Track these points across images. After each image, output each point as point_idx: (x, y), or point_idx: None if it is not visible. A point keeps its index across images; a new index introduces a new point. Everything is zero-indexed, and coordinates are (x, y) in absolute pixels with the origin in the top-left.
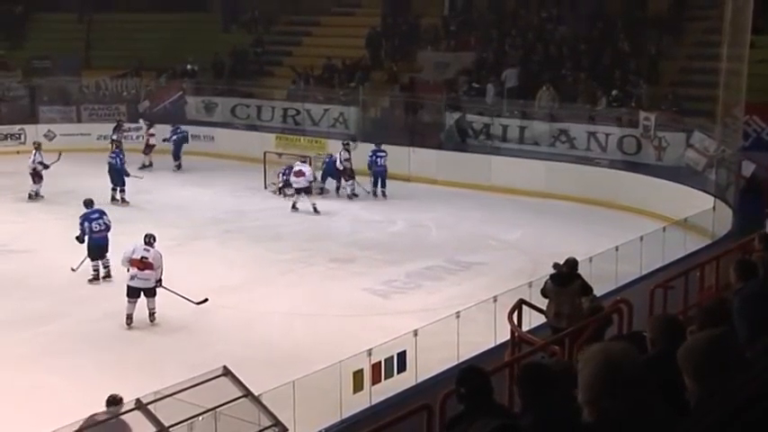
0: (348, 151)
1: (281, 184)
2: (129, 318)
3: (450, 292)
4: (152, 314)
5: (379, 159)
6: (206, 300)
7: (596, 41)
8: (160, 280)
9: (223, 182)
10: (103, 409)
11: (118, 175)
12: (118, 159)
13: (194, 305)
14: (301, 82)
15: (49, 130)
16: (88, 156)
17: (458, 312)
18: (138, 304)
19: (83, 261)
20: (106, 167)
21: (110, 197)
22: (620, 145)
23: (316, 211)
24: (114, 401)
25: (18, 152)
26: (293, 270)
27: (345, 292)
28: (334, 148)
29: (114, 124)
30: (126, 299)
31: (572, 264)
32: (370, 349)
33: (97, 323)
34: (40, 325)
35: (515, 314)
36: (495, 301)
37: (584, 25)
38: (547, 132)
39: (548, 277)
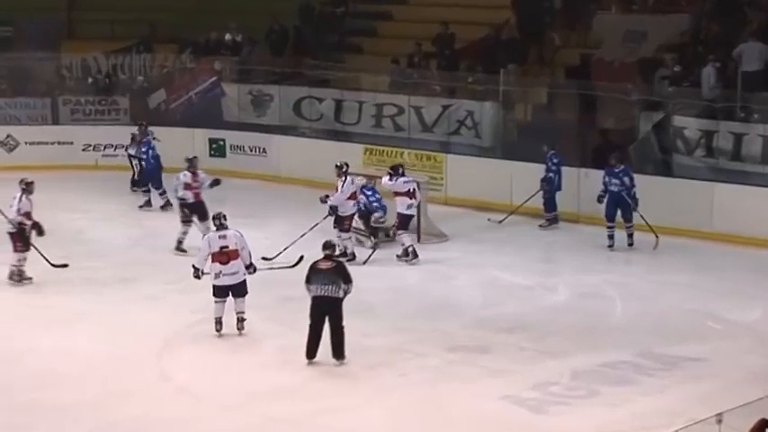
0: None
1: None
2: (219, 323)
3: (644, 404)
4: (241, 320)
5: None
6: (301, 258)
7: None
8: (251, 265)
9: (280, 220)
10: None
11: (150, 175)
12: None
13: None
14: (407, 63)
15: (7, 137)
16: (68, 176)
17: None
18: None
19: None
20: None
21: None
22: None
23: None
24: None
25: None
26: (388, 364)
27: (473, 403)
28: (460, 165)
29: (134, 131)
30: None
31: None
32: None
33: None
34: None
35: None
36: (720, 421)
37: None
38: None
39: None
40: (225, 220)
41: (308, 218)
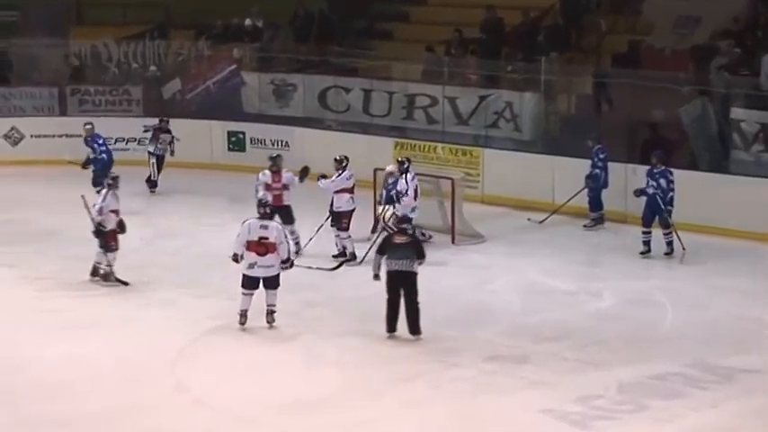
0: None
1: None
2: (244, 315)
3: (695, 419)
4: (271, 313)
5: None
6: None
7: None
8: (288, 260)
9: (304, 219)
10: None
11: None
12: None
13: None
14: (445, 50)
15: (12, 129)
16: (76, 172)
17: None
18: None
19: None
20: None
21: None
22: None
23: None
24: None
25: None
26: (420, 374)
27: (511, 417)
28: (498, 160)
29: (151, 126)
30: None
31: None
32: None
33: None
34: None
35: None
36: None
37: None
38: None
39: None
40: (270, 209)
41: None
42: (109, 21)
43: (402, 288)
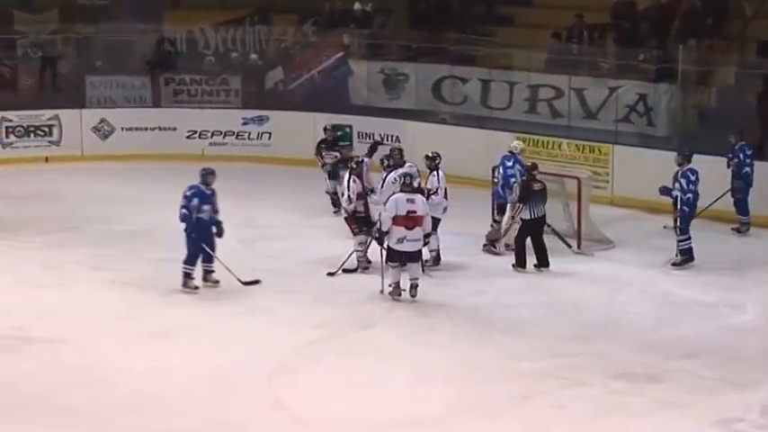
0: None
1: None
2: (398, 286)
3: None
4: (415, 287)
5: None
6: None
7: None
8: (428, 235)
9: None
10: None
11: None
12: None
13: None
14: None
15: (101, 121)
16: (169, 168)
17: None
18: None
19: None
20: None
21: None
22: None
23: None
24: None
25: (47, 159)
26: (541, 394)
27: None
28: (629, 158)
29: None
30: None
31: None
32: None
33: None
34: None
35: None
36: None
37: None
38: None
39: None
40: (413, 181)
41: (450, 221)
42: (206, 5)
43: (536, 233)
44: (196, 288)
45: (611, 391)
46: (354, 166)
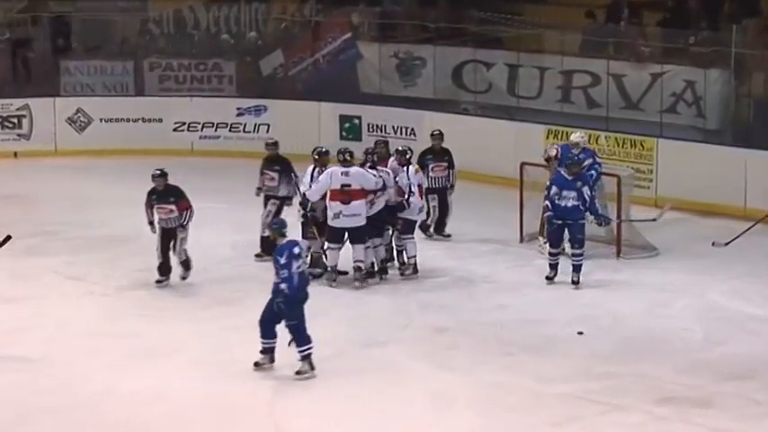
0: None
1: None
2: (335, 272)
3: None
4: (359, 269)
5: None
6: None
7: None
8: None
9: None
10: None
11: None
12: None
13: None
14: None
15: (77, 112)
16: (155, 164)
17: None
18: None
19: None
20: None
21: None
22: None
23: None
24: None
25: (16, 155)
26: (576, 419)
27: None
28: (675, 154)
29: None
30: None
31: None
32: None
33: None
34: None
35: None
36: None
37: None
38: None
39: None
40: (351, 156)
41: (473, 226)
42: None
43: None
44: None
45: (655, 418)
46: (317, 157)
